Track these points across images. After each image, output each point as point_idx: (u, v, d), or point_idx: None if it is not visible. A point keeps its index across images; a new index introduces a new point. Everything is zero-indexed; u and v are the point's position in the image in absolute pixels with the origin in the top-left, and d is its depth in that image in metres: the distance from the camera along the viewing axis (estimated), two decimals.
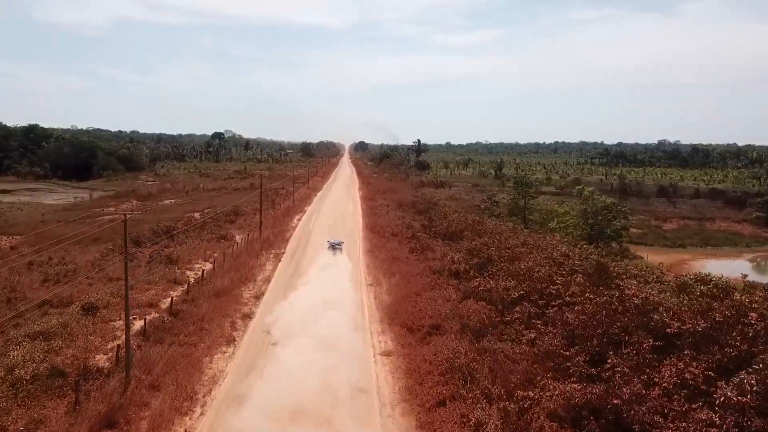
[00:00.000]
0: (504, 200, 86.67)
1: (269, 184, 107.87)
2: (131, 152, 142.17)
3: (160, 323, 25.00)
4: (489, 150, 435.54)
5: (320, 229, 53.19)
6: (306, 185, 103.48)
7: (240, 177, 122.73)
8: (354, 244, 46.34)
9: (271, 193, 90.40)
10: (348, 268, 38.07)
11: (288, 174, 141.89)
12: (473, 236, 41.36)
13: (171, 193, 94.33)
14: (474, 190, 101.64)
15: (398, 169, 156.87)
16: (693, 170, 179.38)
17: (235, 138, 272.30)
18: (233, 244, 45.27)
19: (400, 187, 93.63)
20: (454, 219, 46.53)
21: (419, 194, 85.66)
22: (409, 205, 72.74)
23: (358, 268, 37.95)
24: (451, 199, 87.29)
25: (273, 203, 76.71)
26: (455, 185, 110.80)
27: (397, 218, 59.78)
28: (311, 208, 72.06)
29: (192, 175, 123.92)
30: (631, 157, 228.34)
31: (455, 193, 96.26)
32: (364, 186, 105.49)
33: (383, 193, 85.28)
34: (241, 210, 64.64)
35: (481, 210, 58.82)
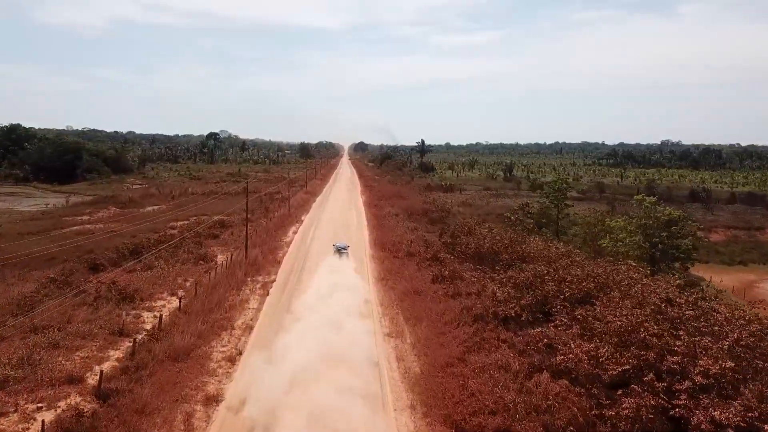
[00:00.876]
0: None
1: (264, 187, 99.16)
2: (119, 154, 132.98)
3: (75, 421, 16.04)
4: (490, 151, 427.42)
5: (320, 246, 44.23)
6: (304, 189, 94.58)
7: (233, 180, 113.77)
8: (362, 266, 37.40)
9: (266, 199, 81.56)
10: (356, 303, 29.00)
11: (285, 176, 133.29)
12: (513, 259, 32.53)
13: (156, 199, 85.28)
14: (487, 194, 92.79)
15: (401, 171, 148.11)
16: (709, 172, 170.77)
17: (231, 138, 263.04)
18: (213, 267, 36.37)
19: (406, 191, 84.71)
20: (485, 236, 37.55)
21: (429, 200, 76.82)
22: (420, 214, 63.88)
23: (371, 305, 29.00)
24: (464, 206, 78.47)
25: (266, 211, 67.74)
26: (465, 189, 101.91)
27: (409, 231, 50.89)
28: (309, 216, 63.08)
29: (182, 178, 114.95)
30: (640, 158, 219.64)
31: (468, 198, 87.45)
32: (367, 190, 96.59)
33: (389, 198, 76.39)
34: (229, 221, 55.70)
35: (512, 222, 49.90)
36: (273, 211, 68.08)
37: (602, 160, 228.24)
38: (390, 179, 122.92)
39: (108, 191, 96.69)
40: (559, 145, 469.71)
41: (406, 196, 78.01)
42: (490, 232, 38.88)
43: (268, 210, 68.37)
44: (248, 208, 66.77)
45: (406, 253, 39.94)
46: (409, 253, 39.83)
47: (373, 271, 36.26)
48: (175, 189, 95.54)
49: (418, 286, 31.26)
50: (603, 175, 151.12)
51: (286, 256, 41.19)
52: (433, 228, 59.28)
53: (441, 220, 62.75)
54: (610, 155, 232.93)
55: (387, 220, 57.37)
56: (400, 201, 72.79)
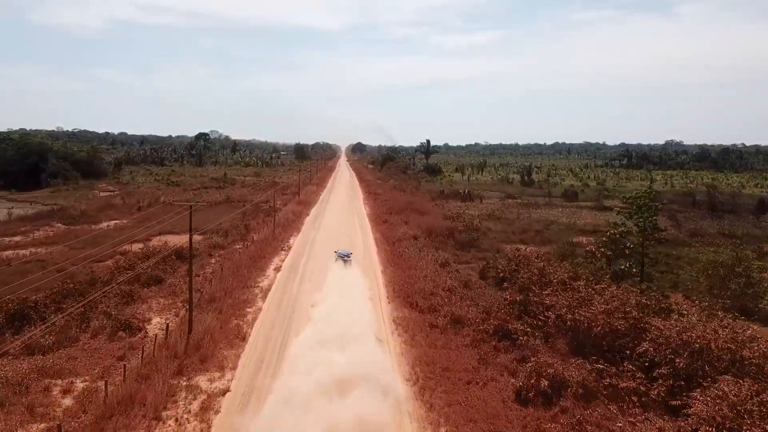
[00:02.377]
0: (557, 230, 62.81)
1: (251, 195, 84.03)
2: (90, 156, 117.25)
3: None
4: (491, 151, 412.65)
5: (311, 297, 28.98)
6: (296, 198, 79.20)
7: (217, 186, 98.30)
8: (377, 352, 21.96)
9: (250, 212, 66.33)
10: None
11: (279, 180, 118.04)
12: (660, 351, 17.43)
13: (117, 211, 69.87)
14: (513, 204, 77.45)
15: (405, 174, 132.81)
16: (737, 174, 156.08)
17: (222, 139, 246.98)
18: (137, 346, 21.26)
19: (419, 201, 69.35)
20: (588, 298, 22.34)
21: (451, 213, 61.54)
22: (443, 234, 48.68)
23: None
24: (491, 219, 63.24)
25: (246, 230, 52.43)
26: (485, 196, 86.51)
27: (440, 267, 35.68)
28: (300, 240, 47.66)
29: (158, 184, 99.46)
30: (656, 159, 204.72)
31: (492, 208, 72.18)
32: (371, 198, 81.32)
33: (400, 211, 61.09)
34: (195, 248, 40.35)
35: (594, 258, 34.80)
36: (255, 230, 52.81)
37: (614, 161, 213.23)
38: (395, 184, 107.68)
39: (70, 199, 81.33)
40: (559, 146, 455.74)
41: (421, 208, 62.73)
42: (591, 288, 23.63)
43: (248, 229, 53.06)
44: (222, 230, 51.74)
45: (450, 319, 24.67)
46: (455, 319, 24.59)
47: (405, 368, 20.80)
48: (144, 198, 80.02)
49: (494, 410, 16.04)
50: (626, 179, 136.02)
51: (257, 322, 25.80)
52: (464, 255, 44.19)
53: (473, 243, 47.64)
54: (622, 156, 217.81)
55: (404, 247, 42.12)
56: (416, 216, 57.50)
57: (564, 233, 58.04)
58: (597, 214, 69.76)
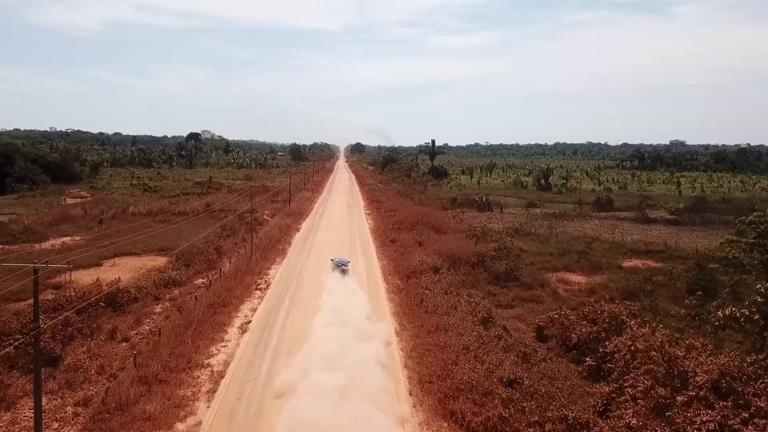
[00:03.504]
0: (603, 247, 51.51)
1: (236, 203, 72.60)
2: (64, 158, 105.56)
3: None
4: (492, 152, 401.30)
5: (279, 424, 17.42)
6: (286, 208, 67.68)
7: (199, 192, 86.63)
8: None
9: (229, 228, 54.94)
10: None
11: (270, 185, 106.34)
12: None
13: (75, 225, 58.36)
14: (539, 215, 65.82)
15: (409, 178, 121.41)
16: (764, 176, 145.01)
17: (215, 140, 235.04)
18: None
19: (432, 214, 57.77)
20: None
21: (470, 227, 50.01)
22: (471, 262, 37.24)
23: None
24: (519, 235, 51.72)
25: (218, 255, 40.95)
26: (504, 204, 74.87)
27: (480, 323, 24.24)
28: (282, 275, 35.71)
29: (133, 189, 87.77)
30: (670, 161, 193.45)
31: (518, 220, 60.63)
32: (373, 207, 69.87)
33: (410, 226, 49.65)
34: (139, 286, 28.78)
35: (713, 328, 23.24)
36: (229, 253, 41.36)
37: (625, 162, 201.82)
38: (399, 189, 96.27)
39: (31, 208, 70.03)
40: (561, 146, 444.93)
41: (435, 222, 51.25)
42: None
43: (220, 252, 41.53)
44: (190, 252, 40.08)
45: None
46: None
47: None
48: (111, 208, 68.49)
49: None
50: (647, 182, 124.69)
51: None
52: (503, 294, 32.64)
53: (511, 274, 36.11)
54: (633, 156, 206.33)
55: (423, 284, 30.61)
56: (431, 233, 46.03)
57: (612, 254, 46.71)
58: (642, 227, 58.37)
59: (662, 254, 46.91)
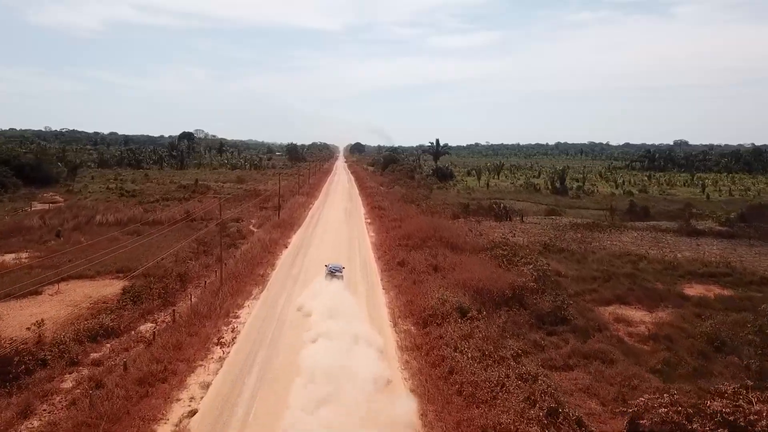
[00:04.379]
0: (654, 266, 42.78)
1: (220, 208, 63.74)
2: (39, 159, 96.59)
3: None
4: (494, 152, 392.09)
5: None
6: (275, 217, 58.83)
7: (183, 197, 77.72)
8: None
9: (207, 242, 46.36)
10: None
11: (262, 188, 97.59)
12: None
13: (28, 238, 49.64)
14: (567, 226, 56.84)
15: (412, 180, 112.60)
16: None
17: (209, 139, 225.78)
18: None
19: (446, 226, 48.91)
20: None
21: (490, 242, 41.18)
22: (503, 296, 28.56)
23: None
24: (549, 252, 42.91)
25: (182, 284, 32.21)
26: (521, 211, 65.86)
27: (544, 414, 15.47)
28: (255, 322, 26.85)
29: (109, 194, 78.82)
30: (682, 161, 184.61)
31: (544, 232, 51.77)
32: (375, 215, 61.05)
33: (421, 242, 40.88)
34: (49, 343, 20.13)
35: None
36: (193, 280, 32.62)
37: (635, 163, 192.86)
38: (402, 192, 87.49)
39: None
40: (562, 146, 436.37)
41: (450, 237, 42.42)
42: None
43: (184, 280, 32.72)
44: (136, 289, 31.02)
45: None
46: None
47: None
48: (76, 216, 59.71)
49: None
50: (667, 184, 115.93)
51: None
52: (556, 348, 23.70)
53: (559, 314, 27.32)
54: (643, 157, 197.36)
55: (448, 337, 21.92)
56: (447, 253, 37.27)
57: (667, 278, 38.04)
58: (691, 241, 49.56)
59: (728, 278, 38.18)
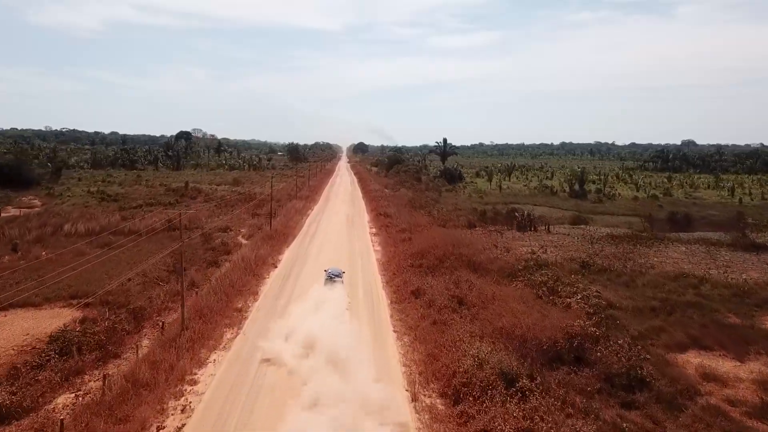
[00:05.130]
0: None
1: (207, 216, 56.51)
2: (19, 160, 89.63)
3: None
4: (499, 152, 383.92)
5: None
6: (266, 225, 51.46)
7: (170, 201, 70.56)
8: None
9: (188, 257, 38.97)
10: None
11: (259, 191, 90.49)
12: None
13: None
14: (602, 237, 49.35)
15: (419, 182, 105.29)
16: None
17: (206, 138, 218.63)
18: None
19: (467, 241, 41.52)
20: None
21: (525, 267, 33.85)
22: (556, 348, 21.18)
23: None
24: (591, 274, 35.61)
25: (135, 323, 25.03)
26: (547, 221, 58.33)
27: None
28: (209, 407, 19.87)
29: (89, 198, 71.65)
30: (698, 162, 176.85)
31: (576, 246, 44.34)
32: (382, 225, 53.77)
33: (437, 262, 33.65)
34: None
35: None
36: (153, 317, 25.46)
37: (648, 163, 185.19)
38: (410, 196, 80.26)
39: None
40: (567, 146, 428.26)
41: (473, 256, 35.08)
42: None
43: (140, 317, 25.51)
44: (68, 337, 23.45)
45: None
46: None
47: None
48: (43, 225, 52.58)
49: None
50: (690, 186, 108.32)
51: None
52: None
53: (633, 376, 20.11)
54: (656, 157, 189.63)
55: (496, 425, 14.69)
56: (472, 278, 29.98)
57: (741, 307, 30.69)
58: (751, 258, 42.04)
59: None
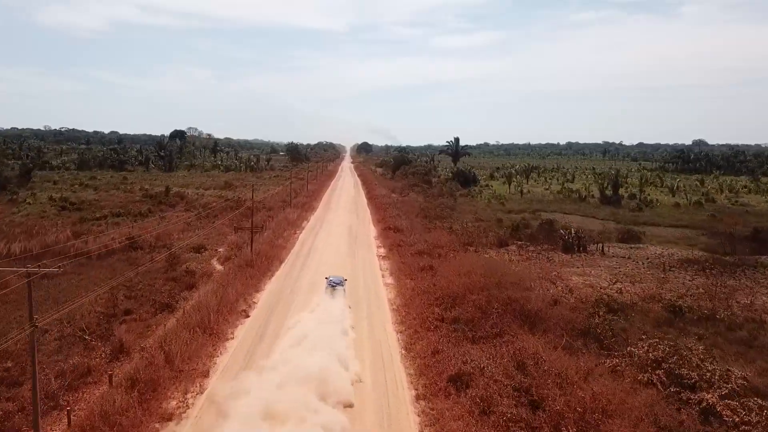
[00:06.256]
0: None
1: (181, 230, 46.18)
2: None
3: None
4: (506, 152, 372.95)
5: None
6: (258, 238, 40.93)
7: (141, 210, 60.13)
8: None
9: (135, 289, 29.00)
10: None
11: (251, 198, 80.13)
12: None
13: None
14: (675, 265, 38.57)
15: (430, 185, 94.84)
16: None
17: (203, 138, 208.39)
18: None
19: (501, 268, 31.01)
20: None
21: (598, 316, 23.46)
22: None
23: None
24: (688, 324, 25.21)
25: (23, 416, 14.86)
26: (594, 237, 47.63)
27: None
28: None
29: (51, 206, 61.44)
30: (721, 162, 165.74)
31: (645, 275, 33.76)
32: (392, 244, 43.33)
33: (474, 309, 23.38)
34: None
35: None
36: (80, 390, 15.16)
37: (668, 164, 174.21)
38: (420, 202, 69.91)
39: None
40: (574, 146, 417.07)
41: (521, 299, 24.69)
42: None
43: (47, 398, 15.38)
44: None
45: None
46: None
47: None
48: None
49: None
50: (730, 190, 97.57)
51: None
52: None
53: None
54: (677, 157, 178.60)
55: None
56: (528, 340, 19.55)
57: None
58: None
59: None
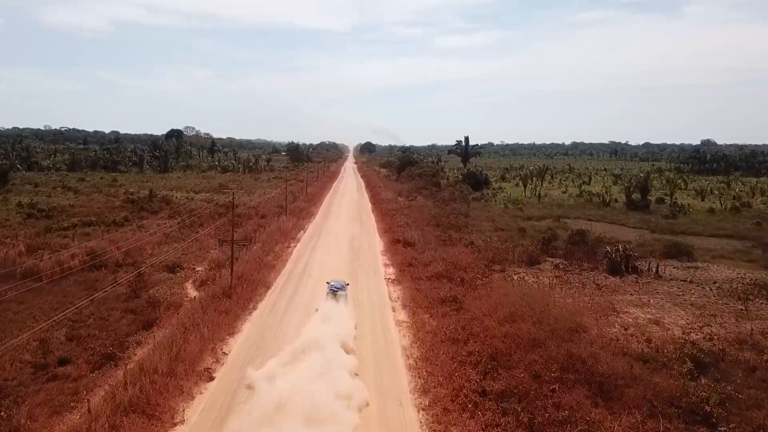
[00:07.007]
0: None
1: (158, 243, 39.17)
2: None
3: None
4: (511, 151, 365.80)
5: None
6: (243, 255, 33.86)
7: (117, 219, 53.13)
8: None
9: (85, 323, 21.68)
10: None
11: (247, 199, 73.54)
12: None
13: None
14: (747, 291, 31.56)
15: (438, 188, 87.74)
16: None
17: (200, 137, 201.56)
18: None
19: (563, 313, 23.81)
20: None
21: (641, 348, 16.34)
22: None
23: None
24: None
25: None
26: (625, 240, 40.33)
27: None
28: None
29: (14, 213, 54.62)
30: (740, 163, 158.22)
31: (717, 309, 26.72)
32: (405, 264, 36.27)
33: (531, 387, 16.36)
34: None
35: None
36: None
37: (684, 165, 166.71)
38: (430, 208, 62.86)
39: None
40: (579, 145, 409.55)
41: (596, 359, 17.61)
42: None
43: None
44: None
45: None
46: None
47: None
48: None
49: None
50: (762, 193, 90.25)
51: None
52: None
53: None
54: (692, 157, 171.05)
55: None
56: None
57: None
58: None
59: None
